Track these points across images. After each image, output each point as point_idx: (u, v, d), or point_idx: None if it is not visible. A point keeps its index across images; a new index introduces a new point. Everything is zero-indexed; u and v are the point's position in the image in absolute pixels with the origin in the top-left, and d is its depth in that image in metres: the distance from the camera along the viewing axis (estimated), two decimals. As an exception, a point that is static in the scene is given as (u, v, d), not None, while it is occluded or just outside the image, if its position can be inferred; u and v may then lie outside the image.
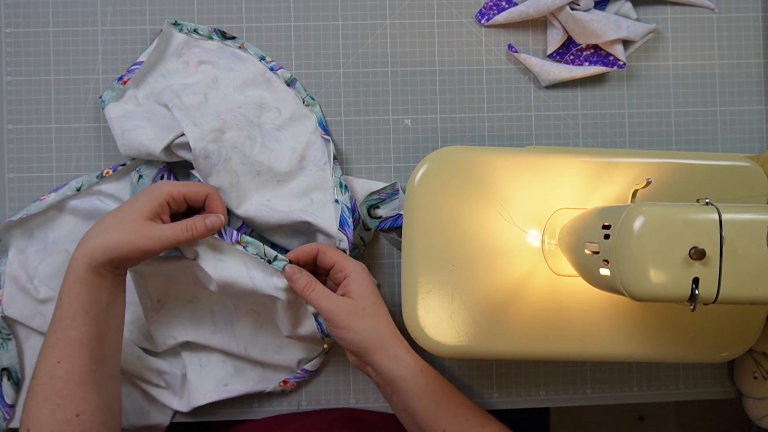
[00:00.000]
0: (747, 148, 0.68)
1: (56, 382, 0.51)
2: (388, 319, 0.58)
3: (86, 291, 0.52)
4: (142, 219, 0.53)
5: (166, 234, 0.54)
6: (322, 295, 0.57)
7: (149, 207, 0.54)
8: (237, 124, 0.61)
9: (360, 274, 0.58)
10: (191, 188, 0.56)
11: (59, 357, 0.51)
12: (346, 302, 0.57)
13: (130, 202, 0.55)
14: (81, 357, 0.52)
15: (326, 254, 0.59)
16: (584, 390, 0.68)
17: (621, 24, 0.64)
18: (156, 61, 0.65)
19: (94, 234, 0.53)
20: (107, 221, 0.54)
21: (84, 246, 0.53)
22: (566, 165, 0.58)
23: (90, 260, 0.52)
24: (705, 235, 0.42)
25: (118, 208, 0.55)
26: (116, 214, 0.54)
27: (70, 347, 0.52)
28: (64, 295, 0.53)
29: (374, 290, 0.58)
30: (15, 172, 0.66)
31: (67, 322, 0.52)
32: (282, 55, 0.67)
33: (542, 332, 0.58)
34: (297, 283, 0.57)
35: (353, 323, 0.56)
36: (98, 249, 0.52)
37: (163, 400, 0.63)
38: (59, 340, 0.52)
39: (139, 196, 0.55)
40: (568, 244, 0.53)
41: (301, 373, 0.65)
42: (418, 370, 0.57)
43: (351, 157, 0.67)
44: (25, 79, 0.66)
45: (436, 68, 0.67)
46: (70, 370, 0.51)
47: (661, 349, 0.58)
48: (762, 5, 0.68)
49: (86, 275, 0.52)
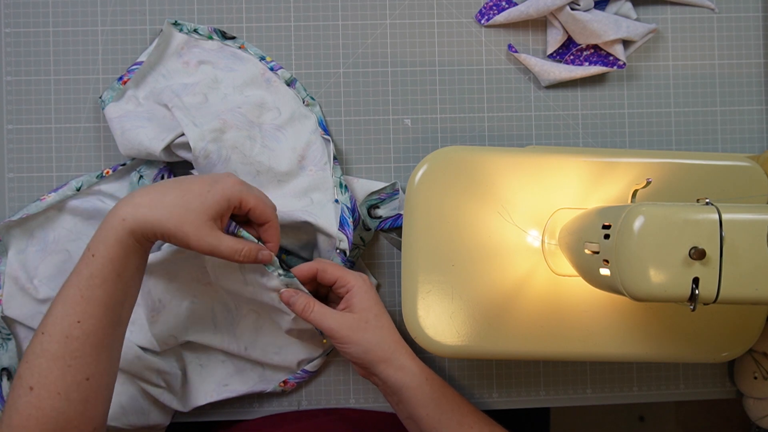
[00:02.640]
0: (747, 148, 0.68)
1: (72, 342, 0.48)
2: (392, 329, 0.58)
3: (124, 254, 0.50)
4: (206, 217, 0.51)
5: (221, 247, 0.52)
6: (321, 314, 0.57)
7: (218, 207, 0.51)
8: (237, 124, 0.61)
9: (362, 287, 0.58)
10: (259, 206, 0.54)
11: (80, 317, 0.48)
12: (347, 317, 0.57)
13: (199, 189, 0.51)
14: (103, 319, 0.49)
15: (326, 272, 0.58)
16: (584, 390, 0.68)
17: (621, 24, 0.64)
18: (156, 61, 0.65)
19: (150, 203, 0.50)
20: (169, 197, 0.51)
21: (136, 210, 0.50)
22: (566, 165, 0.58)
23: (136, 227, 0.50)
24: (705, 235, 0.42)
25: (187, 186, 0.52)
26: (183, 197, 0.51)
27: (95, 309, 0.49)
28: (98, 253, 0.49)
29: (377, 302, 0.58)
30: (15, 172, 0.66)
31: (98, 281, 0.49)
32: (282, 55, 0.67)
33: (542, 332, 0.58)
34: (295, 306, 0.57)
35: (356, 337, 0.56)
36: (151, 222, 0.50)
37: (163, 400, 0.63)
38: (84, 298, 0.49)
39: (212, 186, 0.52)
40: (568, 244, 0.53)
41: (301, 373, 0.65)
42: (423, 378, 0.57)
43: (351, 157, 0.67)
44: (25, 79, 0.66)
45: (436, 68, 0.67)
46: (89, 332, 0.49)
47: (661, 349, 0.58)
48: (762, 5, 0.68)
49: (128, 239, 0.50)
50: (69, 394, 0.48)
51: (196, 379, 0.64)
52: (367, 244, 0.66)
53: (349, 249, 0.60)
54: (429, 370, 0.58)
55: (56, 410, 0.47)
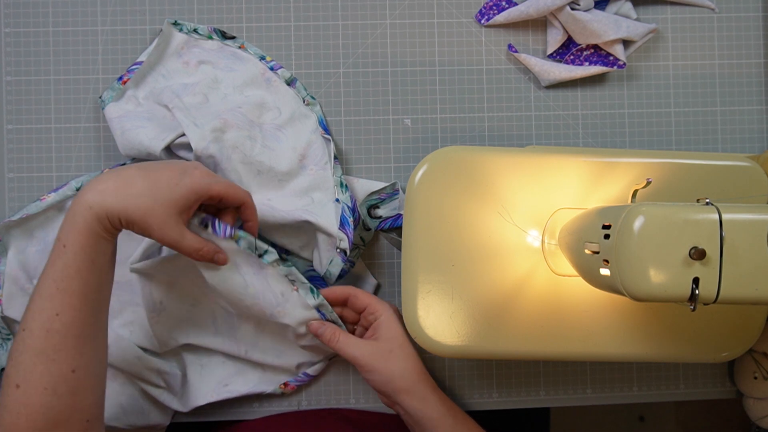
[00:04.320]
0: (747, 148, 0.68)
1: (53, 335, 0.47)
2: (417, 360, 0.59)
3: (94, 241, 0.49)
4: (173, 210, 0.50)
5: (182, 243, 0.52)
6: (347, 343, 0.59)
7: (185, 201, 0.51)
8: (237, 124, 0.61)
9: (390, 317, 0.60)
10: (230, 192, 0.54)
11: (59, 309, 0.48)
12: (371, 346, 0.59)
13: (168, 179, 0.51)
14: (82, 310, 0.49)
15: (358, 298, 0.61)
16: (584, 390, 0.68)
17: (621, 24, 0.64)
18: (156, 61, 0.65)
19: (116, 190, 0.49)
20: (136, 186, 0.50)
21: (102, 197, 0.49)
22: (566, 165, 0.58)
23: (102, 213, 0.49)
24: (705, 235, 0.42)
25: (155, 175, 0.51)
26: (151, 187, 0.50)
27: (72, 299, 0.48)
28: (68, 243, 0.48)
29: (402, 333, 0.60)
30: (15, 172, 0.66)
31: (71, 272, 0.48)
32: (282, 55, 0.67)
33: (542, 332, 0.58)
34: (323, 336, 0.59)
35: (380, 366, 0.58)
36: (116, 210, 0.49)
37: (162, 400, 0.63)
38: (59, 290, 0.48)
39: (180, 179, 0.51)
40: (568, 244, 0.53)
41: (302, 376, 0.65)
42: (445, 410, 0.58)
43: (351, 157, 0.67)
44: (25, 79, 0.66)
45: (436, 68, 0.67)
46: (68, 324, 0.48)
47: (661, 349, 0.58)
48: (762, 5, 0.68)
49: (96, 226, 0.49)
50: (56, 388, 0.47)
51: (196, 379, 0.64)
52: (368, 244, 0.66)
53: (350, 248, 0.60)
54: (450, 402, 0.59)
55: (45, 406, 0.47)
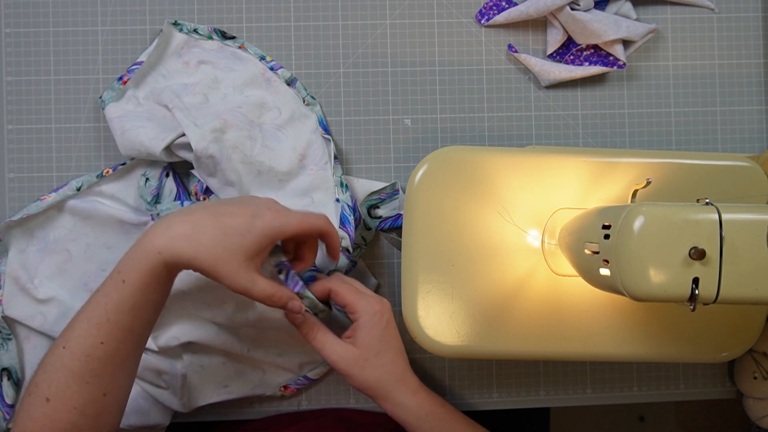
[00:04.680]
0: (747, 148, 0.68)
1: (93, 361, 0.48)
2: (394, 366, 0.57)
3: (156, 283, 0.49)
4: (244, 258, 0.49)
5: (254, 290, 0.50)
6: (323, 342, 0.56)
7: (257, 247, 0.50)
8: (237, 124, 0.61)
9: (369, 320, 0.56)
10: (305, 227, 0.52)
11: (104, 338, 0.48)
12: (348, 351, 0.56)
13: (239, 225, 0.49)
14: (127, 342, 0.49)
15: (338, 294, 0.57)
16: (584, 390, 0.68)
17: (621, 24, 0.64)
18: (156, 61, 0.65)
19: (187, 236, 0.49)
20: (207, 233, 0.49)
21: (172, 243, 0.48)
22: (566, 165, 0.58)
23: (172, 259, 0.49)
24: (705, 235, 0.42)
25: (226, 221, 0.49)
26: (222, 235, 0.49)
27: (120, 332, 0.48)
28: (130, 279, 0.48)
29: (381, 338, 0.56)
30: (15, 172, 0.66)
31: (126, 307, 0.48)
32: (282, 55, 0.67)
33: (542, 332, 0.58)
34: (300, 327, 0.57)
35: (354, 373, 0.56)
36: (186, 258, 0.49)
37: (163, 400, 0.63)
38: (110, 321, 0.48)
39: (251, 224, 0.50)
40: (568, 244, 0.53)
41: (302, 380, 0.65)
42: (422, 414, 0.57)
43: (351, 157, 0.67)
44: (25, 79, 0.66)
45: (436, 68, 0.67)
46: (111, 353, 0.48)
47: (661, 349, 0.58)
48: (762, 5, 0.68)
49: (161, 270, 0.49)
50: (85, 409, 0.48)
51: (196, 380, 0.64)
52: (369, 243, 0.66)
53: (351, 246, 0.60)
54: (432, 404, 0.58)
55: (71, 423, 0.48)
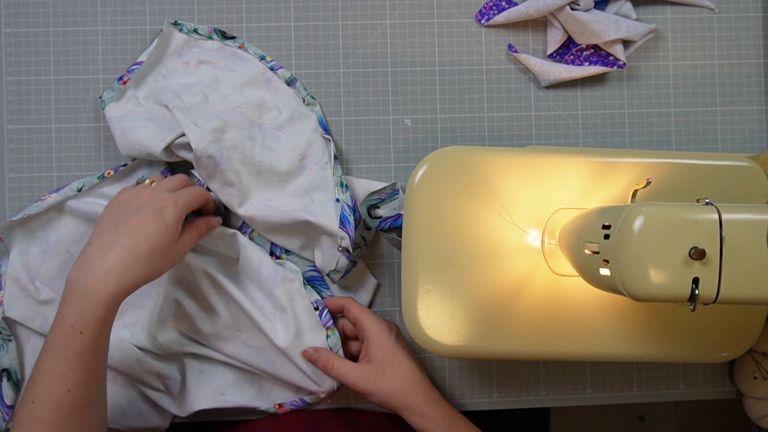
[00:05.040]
0: (747, 148, 0.68)
1: (63, 408, 0.49)
2: (412, 375, 0.59)
3: (111, 320, 0.51)
4: (173, 243, 0.54)
5: (188, 245, 0.56)
6: (341, 370, 0.59)
7: (177, 230, 0.54)
8: (237, 124, 0.61)
9: (378, 335, 0.60)
10: (199, 199, 0.58)
11: (71, 386, 0.50)
12: (364, 370, 0.59)
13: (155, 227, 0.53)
14: (91, 383, 0.51)
15: (350, 311, 0.61)
16: (584, 390, 0.68)
17: (621, 24, 0.64)
18: (156, 61, 0.65)
19: (130, 267, 0.51)
20: (141, 252, 0.52)
21: (121, 280, 0.50)
22: (566, 165, 0.58)
23: (128, 292, 0.51)
24: (705, 235, 0.42)
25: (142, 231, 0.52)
26: (153, 247, 0.52)
27: (85, 376, 0.50)
28: (89, 330, 0.50)
29: (393, 350, 0.59)
30: (15, 172, 0.66)
31: (89, 354, 0.50)
32: (282, 55, 0.67)
33: (542, 332, 0.58)
34: (317, 363, 0.61)
35: (374, 389, 0.58)
36: (139, 280, 0.52)
37: (162, 403, 0.63)
38: (73, 370, 0.50)
39: (161, 216, 0.53)
40: (568, 244, 0.53)
41: (298, 401, 0.65)
42: (445, 425, 0.58)
43: (351, 157, 0.67)
44: (25, 79, 0.66)
45: (436, 68, 0.67)
46: (79, 397, 0.50)
47: (661, 349, 0.58)
48: (762, 5, 0.68)
49: (115, 307, 0.51)
50: None
51: (194, 384, 0.64)
52: (369, 243, 0.66)
53: (351, 246, 0.60)
54: (453, 416, 0.59)
55: None
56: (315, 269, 0.66)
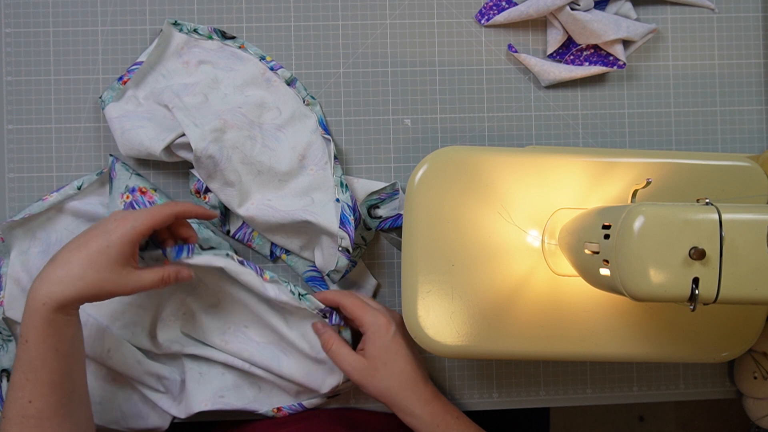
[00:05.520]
0: (747, 148, 0.68)
1: (28, 421, 0.50)
2: (403, 376, 0.59)
3: (55, 331, 0.51)
4: (117, 267, 0.52)
5: (143, 284, 0.54)
6: (337, 353, 0.60)
7: (122, 254, 0.52)
8: (237, 124, 0.61)
9: (375, 332, 0.59)
10: (157, 219, 0.54)
11: (30, 397, 0.51)
12: (359, 362, 0.59)
13: (98, 245, 0.52)
14: (53, 394, 0.51)
15: (346, 308, 0.61)
16: (584, 390, 0.68)
17: (621, 24, 0.64)
18: (156, 61, 0.65)
19: (62, 278, 0.51)
20: (76, 266, 0.51)
21: (51, 289, 0.51)
22: (566, 165, 0.58)
23: (59, 304, 0.51)
24: (705, 235, 0.42)
25: (86, 247, 0.52)
26: (86, 260, 0.51)
27: (41, 387, 0.51)
28: (30, 338, 0.51)
29: (388, 349, 0.59)
30: (15, 172, 0.66)
31: (37, 363, 0.51)
32: (282, 55, 0.67)
33: (542, 332, 0.58)
34: (320, 338, 0.61)
35: (365, 383, 0.59)
36: (70, 295, 0.51)
37: (161, 405, 0.63)
38: (29, 381, 0.51)
39: (107, 236, 0.52)
40: (568, 244, 0.53)
41: (296, 406, 0.65)
42: (434, 425, 0.58)
43: (351, 157, 0.67)
44: (25, 79, 0.66)
45: (436, 68, 0.67)
46: (42, 409, 0.51)
47: (661, 349, 0.58)
48: (762, 5, 0.68)
49: (54, 317, 0.51)
50: None
51: (193, 386, 0.63)
52: (369, 243, 0.66)
53: (351, 246, 0.60)
54: (444, 414, 0.59)
55: None
56: (315, 269, 0.66)
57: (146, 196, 0.62)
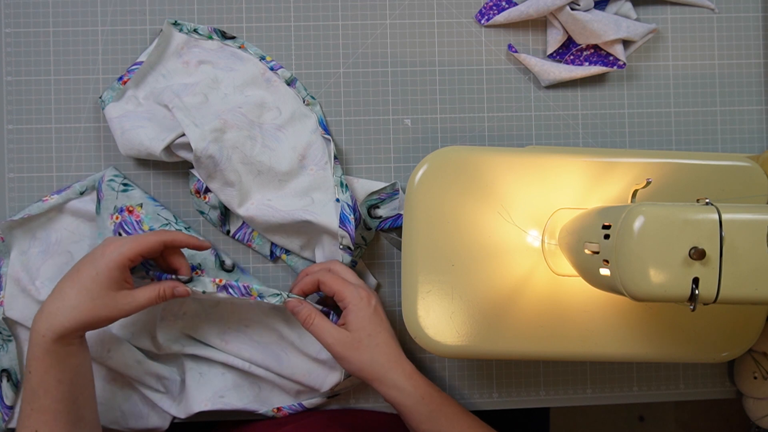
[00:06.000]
0: (747, 148, 0.68)
1: None
2: (388, 347, 0.59)
3: (57, 362, 0.52)
4: (110, 291, 0.53)
5: (139, 302, 0.55)
6: (321, 328, 0.58)
7: (112, 279, 0.53)
8: (237, 124, 0.61)
9: (357, 304, 0.59)
10: (144, 246, 0.55)
11: (36, 426, 0.52)
12: (342, 334, 0.58)
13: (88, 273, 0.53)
14: (57, 422, 0.52)
15: (325, 284, 0.60)
16: (584, 390, 0.68)
17: (621, 24, 0.64)
18: (156, 61, 0.65)
19: (58, 310, 0.52)
20: (70, 296, 0.53)
21: (49, 321, 0.52)
22: (566, 165, 0.58)
23: (57, 335, 0.52)
24: (705, 235, 0.42)
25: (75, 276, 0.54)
26: (78, 289, 0.53)
27: (45, 416, 0.52)
28: (32, 369, 0.52)
29: (371, 320, 0.59)
30: (15, 172, 0.66)
31: (41, 393, 0.52)
32: (282, 55, 0.67)
33: (542, 332, 0.58)
34: (298, 315, 0.59)
35: (348, 355, 0.58)
36: (68, 325, 0.52)
37: (161, 405, 0.63)
38: (34, 411, 0.52)
39: (96, 266, 0.53)
40: (568, 244, 0.53)
41: (296, 406, 0.65)
42: (418, 397, 0.57)
43: (351, 157, 0.67)
44: (25, 79, 0.66)
45: (436, 68, 0.67)
46: None
47: (661, 349, 0.58)
48: (762, 5, 0.68)
49: (55, 348, 0.52)
50: None
51: (193, 386, 0.63)
52: (369, 243, 0.66)
53: (352, 245, 0.60)
54: (427, 387, 0.58)
55: None
56: None
57: (133, 215, 0.62)
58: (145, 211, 0.62)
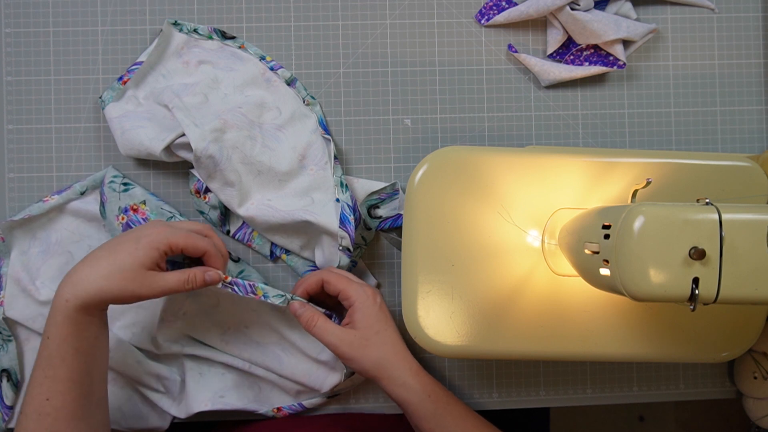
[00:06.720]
0: (747, 148, 0.68)
1: (45, 419, 0.51)
2: (395, 345, 0.59)
3: (76, 330, 0.52)
4: (142, 269, 0.52)
5: (168, 285, 0.54)
6: (324, 329, 0.58)
7: (149, 257, 0.53)
8: (237, 124, 0.61)
9: (364, 302, 0.58)
10: (189, 243, 0.55)
11: (47, 395, 0.51)
12: (348, 334, 0.58)
13: (127, 248, 0.53)
14: (70, 393, 0.51)
15: (330, 283, 0.60)
16: (584, 390, 0.68)
17: (621, 24, 0.64)
18: (156, 61, 0.65)
19: (86, 277, 0.52)
20: (102, 266, 0.52)
21: (75, 288, 0.51)
22: (566, 165, 0.58)
23: (81, 302, 0.51)
24: (705, 235, 0.42)
25: (115, 248, 0.53)
26: (113, 260, 0.52)
27: (59, 385, 0.51)
28: (51, 335, 0.51)
29: (378, 318, 0.59)
30: (15, 172, 0.66)
31: (57, 361, 0.51)
32: (282, 55, 0.67)
33: (542, 332, 0.58)
34: (301, 318, 0.59)
35: (356, 355, 0.57)
36: (93, 294, 0.51)
37: (161, 405, 0.63)
38: (47, 378, 0.51)
39: (137, 241, 0.53)
40: (568, 244, 0.53)
41: (296, 406, 0.65)
42: (425, 395, 0.57)
43: (351, 157, 0.67)
44: (25, 79, 0.66)
45: (436, 68, 0.67)
46: (59, 407, 0.51)
47: (661, 349, 0.58)
48: (762, 5, 0.68)
49: (76, 315, 0.51)
50: None
51: (193, 386, 0.63)
52: (369, 243, 0.66)
53: (352, 246, 0.60)
54: (433, 385, 0.58)
55: None
56: (315, 269, 0.66)
57: (138, 213, 0.62)
58: (149, 208, 0.62)
